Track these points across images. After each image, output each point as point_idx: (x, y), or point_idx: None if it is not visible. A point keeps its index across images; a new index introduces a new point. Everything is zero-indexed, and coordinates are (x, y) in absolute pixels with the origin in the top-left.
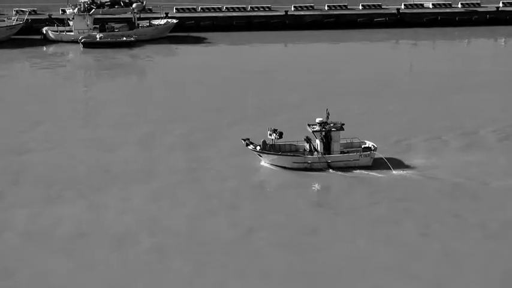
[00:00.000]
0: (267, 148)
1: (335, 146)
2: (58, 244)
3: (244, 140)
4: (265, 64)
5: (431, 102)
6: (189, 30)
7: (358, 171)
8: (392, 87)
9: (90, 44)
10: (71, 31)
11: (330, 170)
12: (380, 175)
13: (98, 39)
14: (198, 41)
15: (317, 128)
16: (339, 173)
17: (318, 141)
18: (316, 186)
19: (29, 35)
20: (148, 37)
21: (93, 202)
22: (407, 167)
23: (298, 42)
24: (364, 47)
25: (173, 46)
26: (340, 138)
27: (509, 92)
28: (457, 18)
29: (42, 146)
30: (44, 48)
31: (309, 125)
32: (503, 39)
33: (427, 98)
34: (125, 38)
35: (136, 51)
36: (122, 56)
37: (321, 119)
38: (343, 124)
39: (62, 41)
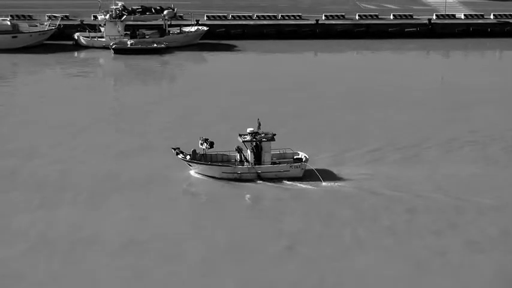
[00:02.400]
0: (198, 157)
1: (266, 157)
2: (67, 248)
3: (175, 149)
4: (295, 73)
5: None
6: (219, 37)
7: (288, 182)
8: (398, 98)
9: (121, 50)
10: (102, 37)
11: (259, 181)
12: (308, 186)
13: (128, 46)
14: (228, 48)
15: (248, 138)
16: (268, 183)
17: (249, 152)
18: (247, 196)
19: (60, 40)
20: (179, 44)
21: (101, 207)
22: (339, 178)
23: (328, 51)
24: (394, 57)
25: (203, 53)
26: (272, 149)
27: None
28: (489, 29)
29: (65, 150)
30: (75, 54)
31: (240, 135)
32: None
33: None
34: (155, 45)
35: (166, 57)
36: (152, 62)
37: (252, 129)
38: (275, 135)
39: (93, 47)
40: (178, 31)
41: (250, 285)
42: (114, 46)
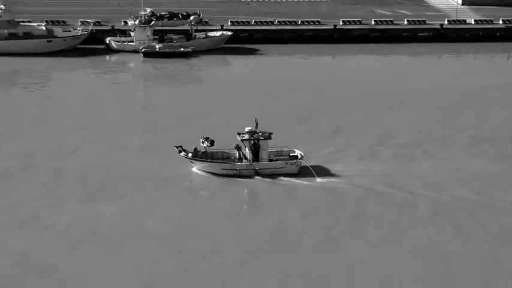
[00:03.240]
0: (199, 155)
1: (263, 154)
2: (100, 241)
3: (177, 147)
4: (313, 75)
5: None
6: (242, 42)
7: (284, 178)
8: (406, 99)
9: (150, 54)
10: (132, 41)
11: (257, 177)
12: (303, 182)
13: (157, 50)
14: (251, 52)
15: (246, 136)
16: (265, 179)
17: (247, 149)
18: (245, 191)
19: (93, 44)
20: (205, 48)
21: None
22: (332, 175)
23: (346, 55)
24: (407, 60)
25: (227, 57)
26: (268, 147)
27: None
28: (498, 34)
29: (94, 146)
30: (107, 57)
31: (238, 134)
32: None
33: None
34: (182, 49)
35: (193, 61)
36: (179, 65)
37: (250, 128)
38: (271, 133)
39: (123, 51)
40: (204, 36)
41: (252, 267)
42: (143, 50)
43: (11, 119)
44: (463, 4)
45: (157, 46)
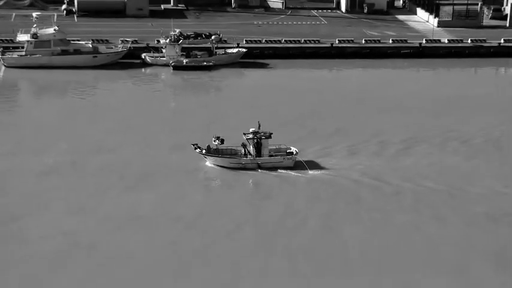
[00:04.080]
0: (211, 151)
1: (264, 151)
2: (138, 224)
3: (193, 145)
4: (314, 85)
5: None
6: (255, 57)
7: (282, 171)
8: (389, 104)
9: (178, 67)
10: (164, 57)
11: (260, 170)
12: (297, 174)
13: (184, 64)
14: (262, 66)
15: (250, 136)
16: (266, 172)
17: (251, 147)
18: (249, 182)
19: (131, 59)
20: (224, 62)
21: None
22: (321, 168)
23: (341, 68)
24: (392, 72)
25: (243, 69)
26: (269, 145)
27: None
28: (466, 51)
29: (132, 145)
30: (142, 70)
31: (244, 134)
32: (503, 69)
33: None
34: (205, 63)
35: (213, 73)
36: (202, 76)
37: (253, 128)
38: (271, 133)
39: (156, 65)
40: (223, 52)
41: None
42: (172, 64)
43: (64, 121)
44: (438, 26)
45: (184, 61)
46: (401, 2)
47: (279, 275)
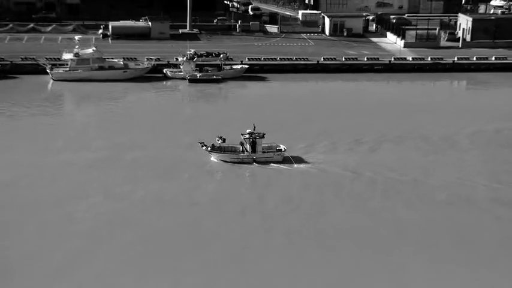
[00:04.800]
0: (215, 149)
1: (258, 148)
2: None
3: (200, 143)
4: (303, 95)
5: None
6: (255, 72)
7: (273, 164)
8: (363, 109)
9: (193, 80)
10: (181, 72)
11: (255, 164)
12: (285, 167)
13: (198, 77)
14: (261, 79)
15: (247, 136)
16: (260, 165)
17: (248, 145)
18: (246, 173)
19: (154, 73)
20: (230, 76)
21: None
22: (305, 162)
23: (325, 81)
24: (367, 84)
25: (245, 82)
26: (262, 143)
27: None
28: (427, 67)
29: (156, 143)
30: (164, 82)
31: (242, 134)
32: (456, 82)
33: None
34: (215, 77)
35: (222, 85)
36: (212, 88)
37: (250, 130)
38: (264, 134)
39: (175, 78)
40: (230, 68)
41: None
42: (188, 77)
43: (101, 123)
44: (404, 47)
45: (198, 75)
46: (374, 27)
47: (278, 248)
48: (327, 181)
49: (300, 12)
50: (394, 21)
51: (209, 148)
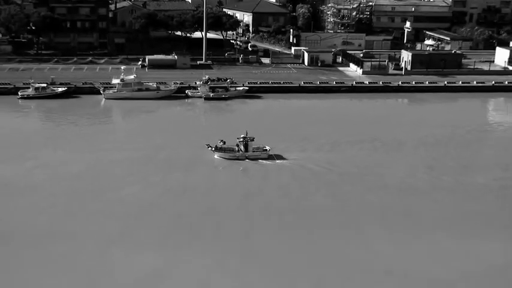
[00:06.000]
0: (218, 149)
1: (250, 148)
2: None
3: (207, 145)
4: (289, 110)
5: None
6: (254, 92)
7: (261, 161)
8: (333, 120)
9: (207, 99)
10: (199, 92)
11: (247, 160)
12: (270, 162)
13: (211, 96)
14: (259, 97)
15: (241, 139)
16: (251, 161)
17: (242, 146)
18: (240, 168)
19: (179, 94)
20: (234, 95)
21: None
22: (285, 159)
23: (306, 99)
24: (335, 101)
25: (246, 100)
26: (253, 144)
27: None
28: (380, 89)
29: (178, 145)
30: (186, 100)
31: (237, 138)
32: (401, 99)
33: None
34: (223, 96)
35: (228, 102)
36: (221, 104)
37: (243, 135)
38: (254, 138)
39: (194, 97)
40: (234, 89)
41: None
42: (204, 96)
43: (139, 130)
44: (362, 74)
45: (211, 94)
46: (340, 59)
47: (272, 227)
48: (303, 173)
49: (293, 48)
50: (362, 55)
51: (213, 148)
